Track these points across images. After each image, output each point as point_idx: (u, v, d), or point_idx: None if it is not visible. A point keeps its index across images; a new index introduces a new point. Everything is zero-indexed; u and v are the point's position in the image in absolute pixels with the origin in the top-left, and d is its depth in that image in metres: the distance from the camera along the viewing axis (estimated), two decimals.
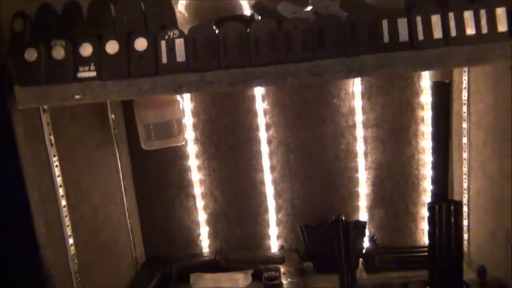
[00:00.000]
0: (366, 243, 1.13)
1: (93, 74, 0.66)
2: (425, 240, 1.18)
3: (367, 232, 1.14)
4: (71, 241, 0.82)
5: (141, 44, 0.66)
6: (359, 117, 1.13)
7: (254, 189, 1.20)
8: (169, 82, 0.65)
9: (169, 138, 1.07)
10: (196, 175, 1.20)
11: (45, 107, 0.74)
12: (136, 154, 1.17)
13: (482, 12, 0.62)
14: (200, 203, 1.21)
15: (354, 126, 1.14)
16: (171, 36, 0.65)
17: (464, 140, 1.04)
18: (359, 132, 1.14)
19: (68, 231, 0.82)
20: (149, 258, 1.22)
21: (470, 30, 0.62)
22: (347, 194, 1.19)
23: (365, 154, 1.16)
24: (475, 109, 0.99)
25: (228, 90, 0.85)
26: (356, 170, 1.17)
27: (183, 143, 1.11)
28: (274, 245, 1.22)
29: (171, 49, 0.65)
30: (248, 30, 0.64)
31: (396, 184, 1.17)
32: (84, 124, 0.94)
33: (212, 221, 1.22)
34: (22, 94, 0.66)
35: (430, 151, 1.10)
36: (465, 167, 1.05)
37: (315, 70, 0.63)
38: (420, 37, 0.63)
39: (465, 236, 1.06)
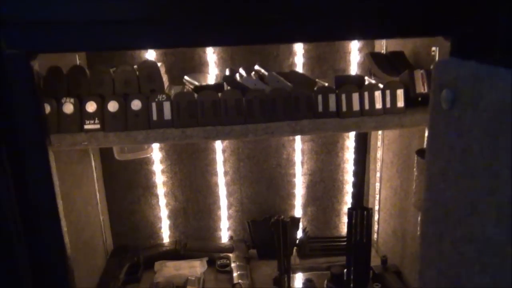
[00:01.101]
0: (299, 234, 1.41)
1: (97, 126, 0.85)
2: (344, 231, 1.47)
3: (301, 225, 1.42)
4: None
5: (136, 104, 0.85)
6: None
7: (210, 190, 1.43)
8: (158, 134, 0.85)
9: (140, 151, 1.26)
10: (160, 178, 1.40)
11: None
12: (107, 161, 1.34)
13: (387, 92, 0.88)
14: (162, 201, 1.42)
15: (294, 139, 1.39)
16: (160, 99, 0.85)
17: (378, 156, 1.33)
18: (298, 145, 1.39)
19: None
20: (116, 248, 1.42)
21: (378, 105, 0.87)
22: (286, 194, 1.45)
23: (302, 163, 1.41)
24: (386, 134, 1.27)
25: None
26: (294, 176, 1.43)
27: (151, 153, 1.31)
28: (225, 236, 1.47)
29: (160, 110, 0.85)
30: (219, 97, 0.85)
31: (325, 187, 1.44)
32: None
33: (173, 216, 1.44)
34: None
35: (353, 162, 1.38)
36: (377, 178, 1.34)
37: (269, 130, 0.86)
38: (344, 109, 0.87)
39: (375, 231, 1.37)
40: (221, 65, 1.24)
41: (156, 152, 1.36)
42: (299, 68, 1.25)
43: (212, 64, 1.24)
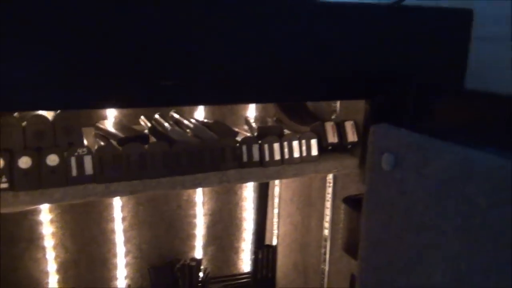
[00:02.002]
0: (201, 275, 1.40)
1: (5, 186, 0.75)
2: (244, 268, 1.51)
3: (202, 266, 1.41)
4: None
5: (53, 159, 0.77)
6: None
7: (105, 237, 1.33)
8: (78, 191, 0.78)
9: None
10: (47, 229, 1.26)
11: None
12: None
13: (303, 142, 0.95)
14: (50, 254, 1.28)
15: None
16: (80, 153, 0.79)
17: (276, 193, 1.40)
18: None
19: None
20: None
21: (296, 154, 0.94)
22: (186, 236, 1.43)
23: (203, 203, 1.42)
24: None
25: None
26: (195, 216, 1.42)
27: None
28: (122, 285, 1.38)
29: (80, 164, 0.79)
30: (146, 149, 0.83)
31: (224, 226, 1.47)
32: None
33: (62, 270, 1.30)
34: None
35: (251, 199, 1.43)
36: (275, 214, 1.42)
37: (196, 181, 0.86)
38: (267, 158, 0.91)
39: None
40: (124, 111, 1.19)
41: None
42: (201, 111, 1.26)
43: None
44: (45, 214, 1.25)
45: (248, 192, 1.46)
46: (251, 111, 1.32)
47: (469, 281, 0.49)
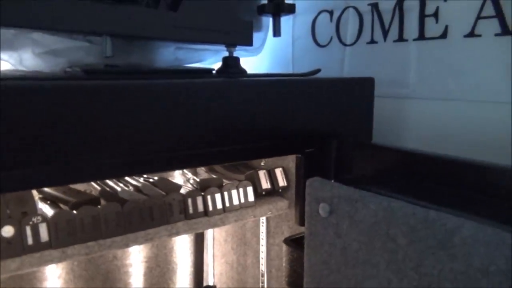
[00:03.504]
0: None
1: None
2: None
3: None
4: None
5: (8, 231, 0.79)
6: None
7: None
8: (35, 259, 0.81)
9: None
10: None
11: None
12: None
13: (241, 190, 1.05)
14: None
15: None
16: (35, 222, 0.81)
17: (210, 235, 1.48)
18: None
19: None
20: None
21: (236, 202, 1.04)
22: (123, 285, 1.44)
23: (138, 251, 1.45)
24: None
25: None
26: (131, 265, 1.44)
27: None
28: None
29: (35, 233, 0.81)
30: (99, 210, 0.87)
31: (161, 271, 1.50)
32: None
33: None
34: None
35: (185, 243, 1.49)
36: (210, 255, 1.49)
37: (148, 236, 0.92)
38: (210, 208, 1.00)
39: None
40: None
41: None
42: None
43: None
44: None
45: (182, 236, 1.52)
46: None
47: None
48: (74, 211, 0.86)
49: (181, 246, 1.52)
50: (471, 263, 0.54)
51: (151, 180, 1.04)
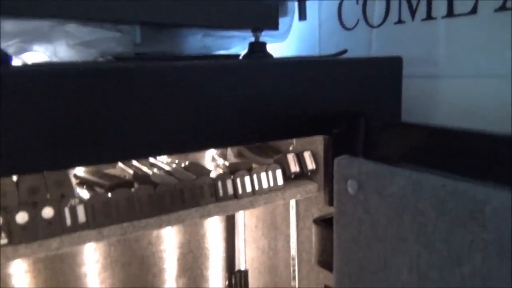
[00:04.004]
0: None
1: (4, 241, 0.79)
2: None
3: None
4: None
5: (48, 212, 0.83)
6: None
7: (79, 282, 1.36)
8: (73, 239, 0.85)
9: None
10: (22, 280, 1.27)
11: None
12: None
13: (270, 173, 1.07)
14: None
15: None
16: (73, 204, 0.85)
17: (241, 221, 1.51)
18: None
19: None
20: None
21: (265, 185, 1.05)
22: (158, 270, 1.48)
23: (172, 237, 1.48)
24: None
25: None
26: (165, 251, 1.48)
27: None
28: None
29: (73, 214, 0.85)
30: (133, 194, 0.90)
31: (193, 257, 1.54)
32: None
33: None
34: None
35: (216, 230, 1.52)
36: (242, 240, 1.51)
37: (180, 218, 0.95)
38: (240, 191, 1.02)
39: None
40: None
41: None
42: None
43: None
44: (17, 265, 1.26)
45: (213, 222, 1.54)
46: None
47: (429, 276, 0.62)
48: (109, 194, 0.89)
49: (213, 233, 1.55)
50: (502, 233, 0.54)
51: (182, 165, 1.06)
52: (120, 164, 1.09)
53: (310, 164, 1.11)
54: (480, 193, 0.56)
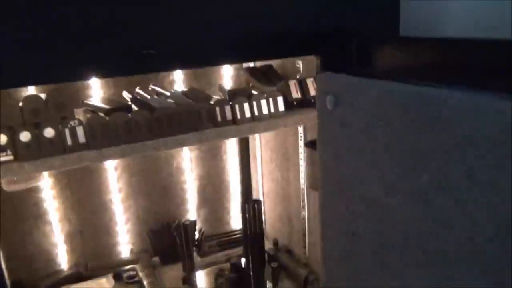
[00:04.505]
0: (196, 235, 1.53)
1: (10, 158, 0.86)
2: (235, 225, 1.64)
3: (197, 227, 1.54)
4: None
5: (49, 132, 0.88)
6: None
7: (105, 208, 1.46)
8: (75, 158, 0.90)
9: (31, 180, 1.24)
10: (51, 204, 1.38)
11: None
12: None
13: (270, 100, 1.06)
14: (57, 227, 1.40)
15: (181, 149, 1.51)
16: (73, 125, 0.90)
17: (257, 154, 1.53)
18: (186, 154, 1.51)
19: None
20: (13, 282, 1.36)
21: (265, 111, 1.05)
22: (180, 201, 1.55)
23: (191, 169, 1.54)
24: (263, 136, 1.48)
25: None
26: (185, 182, 1.54)
27: (42, 181, 1.29)
28: (125, 250, 1.51)
29: (73, 135, 0.90)
30: (130, 117, 0.94)
31: (213, 188, 1.59)
32: None
33: (69, 240, 1.43)
34: None
35: (235, 163, 1.56)
36: (258, 173, 1.54)
37: (177, 142, 0.97)
38: (238, 117, 1.03)
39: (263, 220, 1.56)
40: (105, 87, 1.30)
41: (45, 179, 1.34)
42: (179, 83, 1.38)
43: (97, 85, 1.29)
44: (48, 191, 1.36)
45: (232, 157, 1.58)
46: (226, 81, 1.43)
47: (396, 186, 0.61)
48: (107, 117, 0.93)
49: (232, 166, 1.58)
50: (458, 133, 0.51)
51: (182, 90, 1.08)
52: (125, 92, 1.13)
53: (313, 91, 1.09)
54: (438, 94, 0.54)
